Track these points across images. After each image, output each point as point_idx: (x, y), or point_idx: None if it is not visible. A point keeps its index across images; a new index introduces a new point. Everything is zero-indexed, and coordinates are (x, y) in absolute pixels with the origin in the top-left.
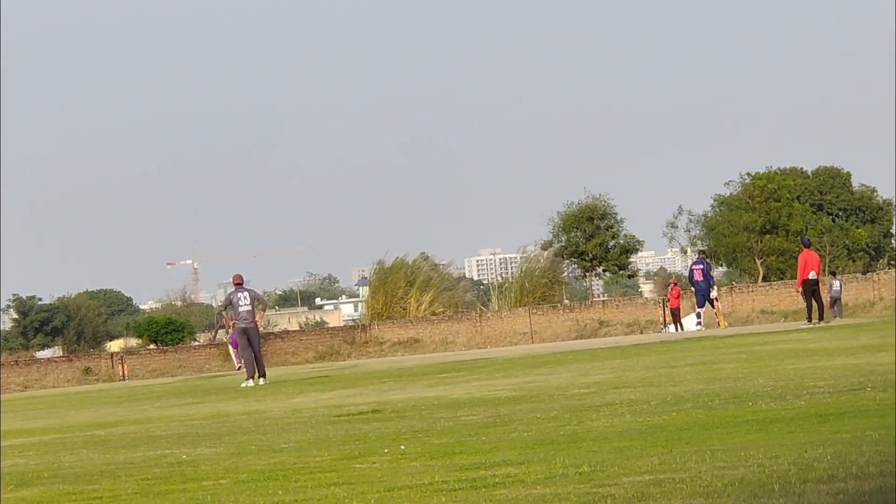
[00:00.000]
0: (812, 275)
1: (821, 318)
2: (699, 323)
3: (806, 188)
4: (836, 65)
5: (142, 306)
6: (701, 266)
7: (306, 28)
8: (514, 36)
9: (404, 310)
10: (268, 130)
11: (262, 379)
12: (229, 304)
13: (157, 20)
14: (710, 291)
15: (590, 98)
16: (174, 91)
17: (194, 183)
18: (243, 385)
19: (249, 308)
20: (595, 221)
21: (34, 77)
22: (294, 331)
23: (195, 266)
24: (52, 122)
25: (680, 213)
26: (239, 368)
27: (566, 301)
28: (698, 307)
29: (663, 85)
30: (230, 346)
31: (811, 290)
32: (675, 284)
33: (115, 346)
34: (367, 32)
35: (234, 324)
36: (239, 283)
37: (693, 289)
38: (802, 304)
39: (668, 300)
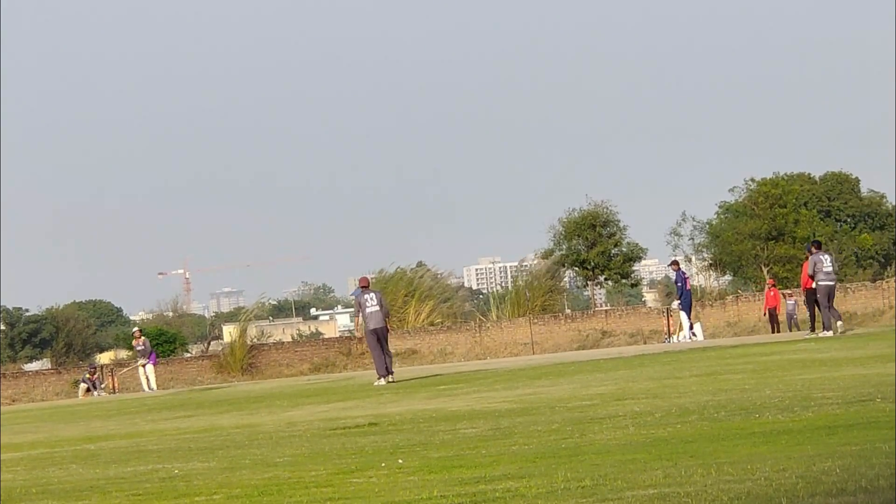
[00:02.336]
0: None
1: (825, 326)
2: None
3: (813, 194)
4: (843, 68)
5: (132, 317)
6: (686, 276)
7: (299, 39)
8: (515, 41)
9: (402, 321)
10: (261, 138)
11: (389, 376)
12: (359, 306)
13: (149, 34)
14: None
15: (591, 103)
16: (167, 100)
17: (186, 191)
18: (376, 384)
19: (378, 309)
20: (597, 229)
21: (26, 91)
22: (288, 342)
23: (187, 276)
24: (42, 134)
25: (684, 220)
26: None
27: (568, 311)
28: (690, 317)
29: (667, 90)
30: (145, 367)
31: (814, 298)
32: (774, 285)
33: (104, 358)
34: (366, 40)
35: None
36: (365, 286)
37: (682, 300)
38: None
39: (767, 301)
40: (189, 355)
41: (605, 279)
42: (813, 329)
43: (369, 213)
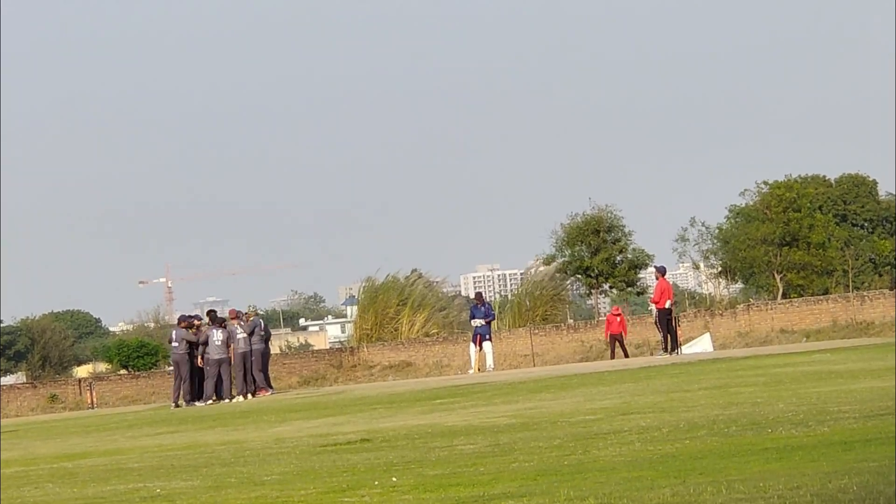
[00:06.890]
0: (668, 304)
1: (675, 347)
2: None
3: (829, 197)
4: (858, 66)
5: (112, 328)
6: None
7: (293, 39)
8: (515, 41)
9: (396, 331)
10: (250, 139)
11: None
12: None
13: (137, 39)
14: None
15: (595, 103)
16: (151, 98)
17: (168, 194)
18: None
19: (219, 344)
20: (601, 235)
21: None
22: (276, 354)
23: (169, 285)
24: (19, 137)
25: (692, 225)
26: None
27: (570, 321)
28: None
29: (673, 89)
30: None
31: (667, 318)
32: (620, 313)
33: (82, 371)
34: (363, 40)
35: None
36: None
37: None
38: (824, 324)
39: (609, 327)
40: (171, 369)
41: (610, 287)
42: (665, 349)
43: (362, 219)
